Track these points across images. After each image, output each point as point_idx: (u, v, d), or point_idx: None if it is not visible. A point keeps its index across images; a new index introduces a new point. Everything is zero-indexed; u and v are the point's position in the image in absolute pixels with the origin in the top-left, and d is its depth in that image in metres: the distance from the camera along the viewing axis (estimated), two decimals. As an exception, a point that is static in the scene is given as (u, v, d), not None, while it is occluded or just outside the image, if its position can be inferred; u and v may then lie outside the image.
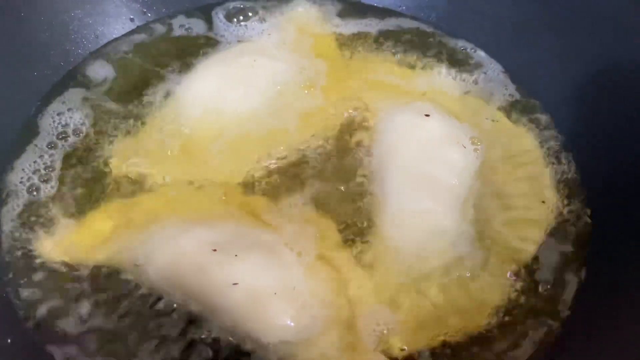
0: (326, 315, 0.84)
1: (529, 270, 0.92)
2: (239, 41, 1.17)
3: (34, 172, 0.95)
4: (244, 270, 0.83)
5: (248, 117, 1.04)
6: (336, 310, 0.85)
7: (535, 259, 0.93)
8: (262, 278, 0.83)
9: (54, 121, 1.01)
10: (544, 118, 1.10)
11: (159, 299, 0.84)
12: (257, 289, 0.82)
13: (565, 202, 0.99)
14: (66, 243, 0.89)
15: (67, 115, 1.01)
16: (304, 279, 0.86)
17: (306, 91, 1.09)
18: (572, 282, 0.91)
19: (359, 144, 1.04)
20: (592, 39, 1.04)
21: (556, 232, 0.96)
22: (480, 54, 1.19)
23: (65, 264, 0.86)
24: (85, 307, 0.83)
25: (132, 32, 1.16)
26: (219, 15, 1.20)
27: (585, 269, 0.92)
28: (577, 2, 1.05)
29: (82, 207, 0.92)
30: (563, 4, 1.08)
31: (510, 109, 1.11)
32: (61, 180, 0.95)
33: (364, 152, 1.03)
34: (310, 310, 0.83)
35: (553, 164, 1.04)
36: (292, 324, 0.81)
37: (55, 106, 1.03)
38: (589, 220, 0.97)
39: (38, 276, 0.85)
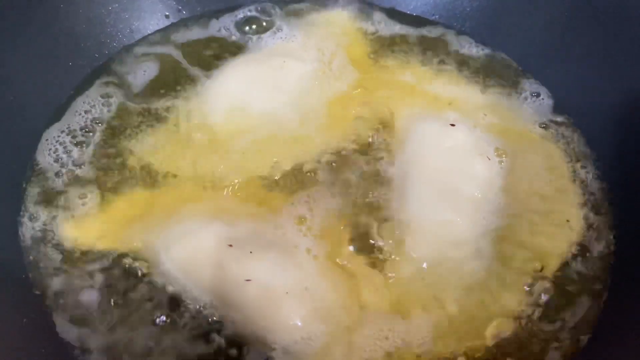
0: (336, 318, 0.83)
1: (548, 288, 0.90)
2: (270, 43, 1.18)
3: (60, 158, 0.97)
4: (257, 267, 0.83)
5: (273, 117, 1.04)
6: (347, 314, 0.84)
7: (556, 277, 0.91)
8: (275, 276, 0.83)
9: (84, 110, 1.03)
10: (575, 135, 1.07)
11: (173, 290, 0.84)
12: (270, 286, 0.82)
13: (591, 221, 0.97)
14: (87, 229, 0.90)
15: (97, 106, 1.04)
16: (318, 280, 0.86)
17: (333, 96, 1.09)
18: (592, 303, 0.89)
19: (382, 150, 1.03)
20: (629, 61, 1.02)
21: (579, 251, 0.94)
22: (513, 66, 1.17)
23: (85, 250, 0.88)
24: (101, 294, 0.84)
25: (166, 29, 1.18)
26: (253, 16, 1.21)
27: (606, 291, 0.90)
28: (614, 21, 1.04)
29: (105, 195, 0.94)
30: (599, 20, 1.06)
31: (541, 123, 1.09)
32: (86, 168, 0.97)
33: (387, 159, 1.02)
34: (321, 312, 0.83)
35: (581, 181, 1.02)
36: (301, 324, 0.81)
37: (86, 96, 1.05)
38: (613, 240, 0.95)
39: (58, 260, 0.87)
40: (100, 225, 0.91)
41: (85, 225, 0.91)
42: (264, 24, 1.20)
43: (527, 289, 0.90)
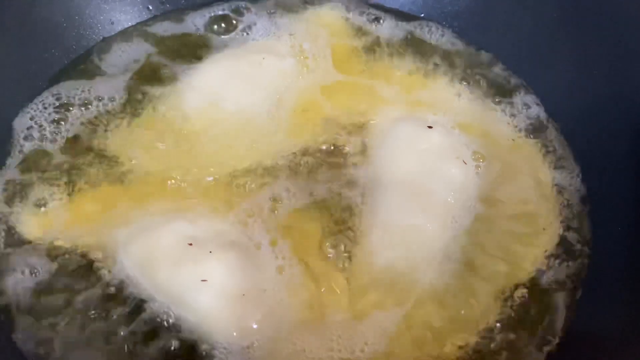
0: (294, 321, 0.82)
1: (517, 299, 0.87)
2: (254, 39, 1.16)
3: (28, 149, 0.96)
4: (215, 267, 0.81)
5: (248, 114, 1.03)
6: (306, 317, 0.82)
7: (526, 288, 0.88)
8: (233, 278, 0.82)
9: (58, 101, 1.01)
10: (559, 141, 1.04)
11: (129, 288, 0.83)
12: (226, 288, 0.81)
13: (567, 230, 0.94)
14: (48, 222, 0.89)
15: (71, 98, 1.02)
16: (278, 283, 0.84)
17: (312, 94, 1.07)
18: (562, 315, 0.86)
19: (357, 150, 1.01)
20: (617, 66, 0.99)
21: (552, 261, 0.91)
22: (500, 68, 1.13)
23: (42, 241, 0.87)
24: (52, 287, 0.83)
25: (147, 21, 1.17)
26: (236, 11, 1.19)
27: (576, 300, 0.87)
28: (603, 24, 1.00)
29: (70, 187, 0.93)
30: (588, 23, 1.02)
31: (526, 127, 1.06)
32: (54, 160, 0.96)
33: (361, 160, 0.99)
34: (278, 315, 0.81)
35: (561, 189, 0.99)
36: (256, 326, 0.79)
37: (61, 87, 1.03)
38: (588, 251, 0.91)
39: (16, 253, 0.86)
40: (63, 219, 0.90)
41: (48, 218, 0.90)
42: (249, 19, 1.18)
43: (496, 298, 0.87)
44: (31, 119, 0.99)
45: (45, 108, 1.01)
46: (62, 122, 0.99)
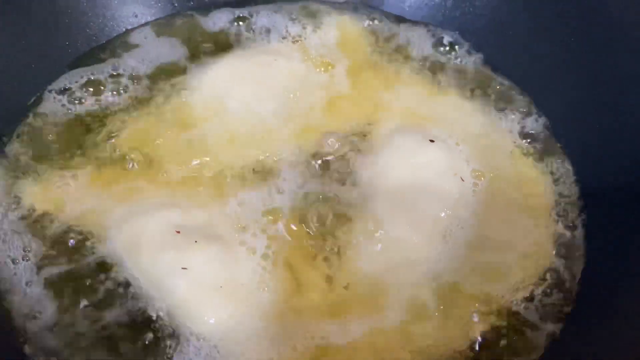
0: (269, 317, 0.83)
1: (496, 325, 0.86)
2: (272, 41, 1.17)
3: (38, 128, 1.00)
4: (197, 257, 0.84)
5: (252, 113, 1.04)
6: (281, 315, 0.83)
7: (508, 314, 0.87)
8: (213, 269, 0.83)
9: (72, 86, 1.05)
10: (564, 166, 1.02)
11: (112, 268, 0.86)
12: (204, 278, 0.82)
13: (560, 259, 0.92)
14: (52, 196, 0.92)
15: (86, 84, 1.06)
16: (258, 280, 0.85)
17: (319, 99, 1.08)
18: (540, 346, 0.84)
19: (357, 158, 1.01)
20: (628, 96, 0.97)
21: (537, 291, 0.89)
22: (513, 87, 1.12)
23: (41, 214, 0.91)
24: (37, 263, 0.86)
25: (171, 16, 1.20)
26: (257, 13, 1.21)
27: (558, 336, 0.85)
28: (614, 55, 0.99)
29: (75, 166, 0.97)
30: (602, 51, 1.01)
31: (532, 150, 1.04)
32: (61, 139, 1.00)
33: (359, 168, 0.99)
34: (254, 309, 0.82)
35: (560, 213, 0.97)
36: (228, 319, 0.80)
37: (77, 73, 1.07)
38: (576, 285, 0.89)
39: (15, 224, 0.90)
40: (63, 192, 0.93)
41: (50, 191, 0.93)
42: (268, 22, 1.20)
43: (475, 322, 0.86)
44: (45, 99, 1.04)
45: (58, 92, 1.05)
46: (74, 105, 1.04)
